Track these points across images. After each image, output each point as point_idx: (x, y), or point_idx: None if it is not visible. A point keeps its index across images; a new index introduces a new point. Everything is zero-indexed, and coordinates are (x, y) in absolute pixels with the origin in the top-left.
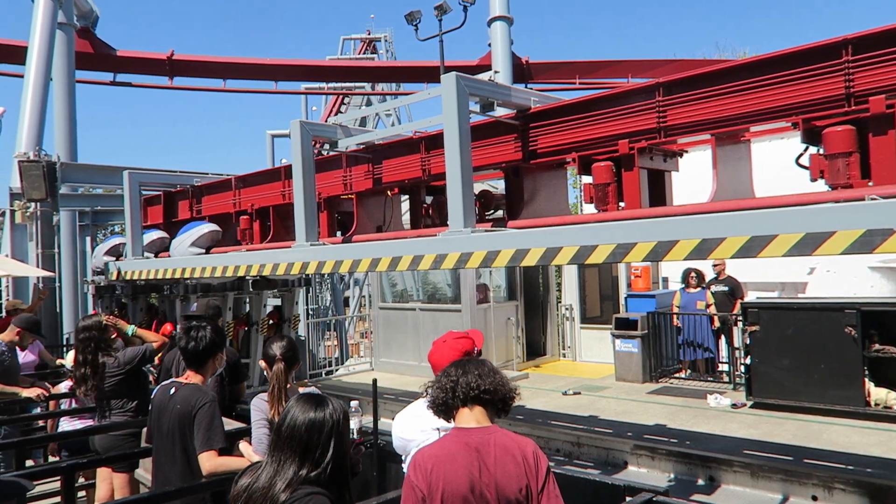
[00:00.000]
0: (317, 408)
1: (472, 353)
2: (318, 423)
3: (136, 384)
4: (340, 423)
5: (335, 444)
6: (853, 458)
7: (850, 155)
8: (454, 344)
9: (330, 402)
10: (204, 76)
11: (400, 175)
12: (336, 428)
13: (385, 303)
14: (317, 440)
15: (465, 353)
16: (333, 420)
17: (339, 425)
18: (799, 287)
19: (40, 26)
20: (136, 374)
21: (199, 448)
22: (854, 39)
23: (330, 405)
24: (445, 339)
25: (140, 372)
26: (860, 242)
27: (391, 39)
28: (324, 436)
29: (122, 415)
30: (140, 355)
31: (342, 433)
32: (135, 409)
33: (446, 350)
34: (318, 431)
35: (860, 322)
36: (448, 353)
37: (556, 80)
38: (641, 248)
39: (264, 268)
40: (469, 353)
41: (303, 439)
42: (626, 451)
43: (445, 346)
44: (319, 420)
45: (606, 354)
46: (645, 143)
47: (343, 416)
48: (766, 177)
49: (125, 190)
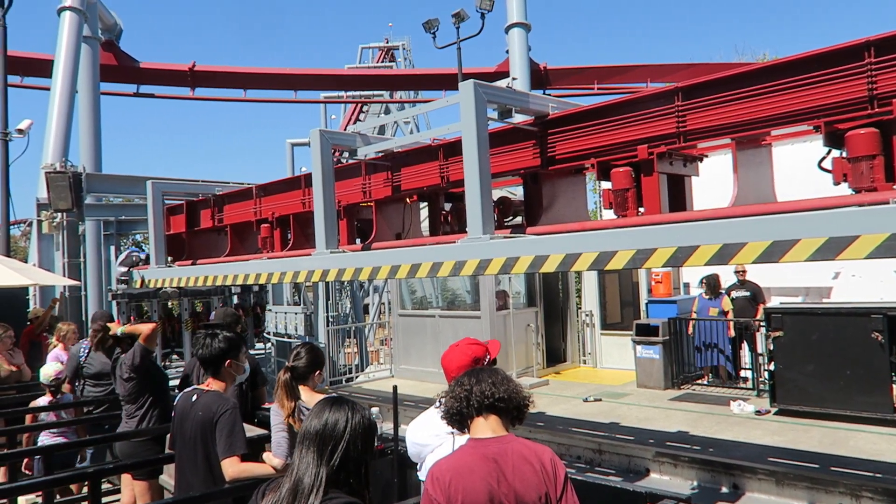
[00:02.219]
0: (332, 410)
1: (483, 360)
2: (330, 424)
3: (155, 388)
4: (358, 424)
5: (350, 445)
6: (881, 465)
7: (874, 158)
8: (466, 349)
9: (348, 404)
10: (225, 86)
11: (419, 182)
12: (351, 428)
13: (404, 310)
14: (331, 441)
15: (475, 359)
16: (349, 421)
17: (357, 426)
18: (823, 292)
19: (66, 40)
20: (149, 377)
21: (222, 454)
22: (876, 41)
23: (346, 407)
24: (459, 343)
25: (150, 374)
26: (885, 246)
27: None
28: (338, 436)
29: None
30: (132, 356)
31: (359, 434)
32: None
33: (457, 354)
34: (331, 432)
35: (887, 327)
36: (458, 358)
37: (574, 85)
38: (661, 253)
39: (285, 275)
40: (479, 359)
41: (316, 441)
42: (648, 459)
43: (458, 350)
44: (333, 422)
45: (627, 361)
46: (664, 147)
47: (361, 418)
48: (788, 180)
49: (148, 199)
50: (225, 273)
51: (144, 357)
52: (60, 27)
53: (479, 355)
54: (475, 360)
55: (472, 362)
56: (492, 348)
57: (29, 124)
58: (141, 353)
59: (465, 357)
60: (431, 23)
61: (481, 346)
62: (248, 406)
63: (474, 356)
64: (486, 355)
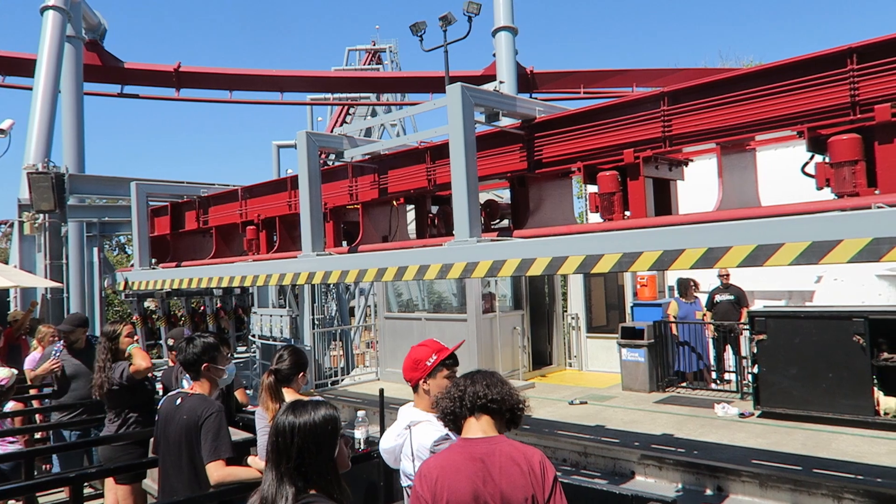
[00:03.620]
0: (284, 414)
1: (425, 361)
2: (280, 431)
3: (136, 397)
4: (305, 426)
5: (303, 447)
6: (863, 467)
7: (856, 163)
8: (411, 352)
9: (300, 407)
10: (210, 87)
11: (406, 185)
12: (301, 431)
13: (391, 312)
14: (285, 448)
15: (415, 360)
16: (295, 424)
17: (305, 427)
18: (806, 295)
19: (49, 39)
20: (131, 388)
21: (207, 458)
22: (859, 48)
23: (294, 412)
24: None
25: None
26: (867, 251)
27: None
28: (288, 442)
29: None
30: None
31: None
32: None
33: (406, 358)
34: (283, 439)
35: (868, 330)
36: (405, 361)
37: (560, 89)
38: (647, 257)
39: (271, 278)
40: (419, 360)
41: (275, 446)
42: (634, 461)
43: (410, 350)
44: (282, 428)
45: (613, 364)
46: (650, 152)
47: (310, 418)
48: (772, 185)
49: (132, 201)
50: (210, 275)
51: (123, 382)
52: (43, 26)
53: (418, 357)
54: (415, 362)
55: (412, 364)
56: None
57: (10, 124)
58: (123, 377)
59: (408, 360)
60: (418, 26)
61: (427, 349)
62: (234, 410)
63: (414, 359)
64: (433, 356)
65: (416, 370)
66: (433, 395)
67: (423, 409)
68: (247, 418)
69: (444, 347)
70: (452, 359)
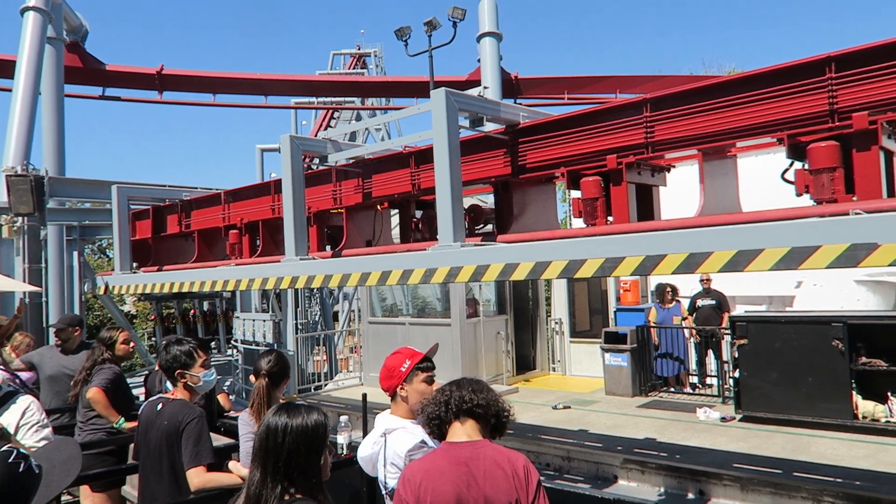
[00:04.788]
0: (274, 416)
1: (397, 369)
2: (272, 432)
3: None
4: (298, 428)
5: (292, 449)
6: (841, 470)
7: (835, 170)
8: (386, 360)
9: (292, 409)
10: (193, 90)
11: (390, 189)
12: (292, 432)
13: (374, 317)
14: (273, 449)
15: (389, 368)
16: (288, 426)
17: (297, 430)
18: (786, 301)
19: (29, 40)
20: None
21: (188, 464)
22: (837, 57)
23: (286, 413)
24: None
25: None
26: (845, 256)
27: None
28: (279, 443)
29: (94, 432)
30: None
31: (301, 437)
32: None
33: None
34: (273, 440)
35: (847, 335)
36: (381, 370)
37: (544, 95)
38: (630, 262)
39: (254, 282)
40: (393, 368)
41: (264, 445)
42: (616, 466)
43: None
44: (273, 429)
45: (596, 368)
46: (633, 158)
47: (303, 421)
48: (753, 191)
49: (113, 204)
50: (192, 279)
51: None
52: (24, 27)
53: (391, 365)
54: (389, 370)
55: (386, 373)
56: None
57: None
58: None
59: (383, 368)
60: (403, 30)
61: (401, 356)
62: (216, 416)
63: (387, 367)
64: (406, 362)
65: (391, 378)
66: (412, 401)
67: (400, 416)
68: (229, 423)
69: (418, 353)
70: (427, 361)
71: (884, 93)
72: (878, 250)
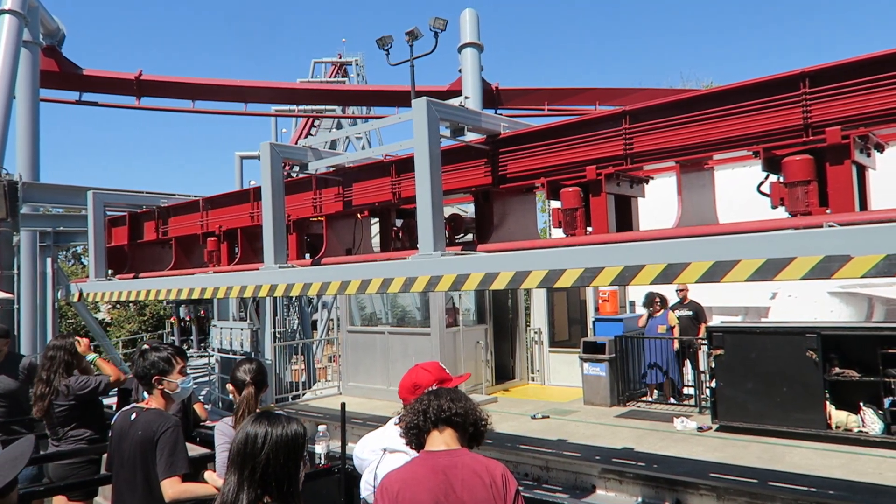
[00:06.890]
0: (252, 425)
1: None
2: (250, 440)
3: (90, 412)
4: (278, 438)
5: (270, 459)
6: (815, 480)
7: (809, 183)
8: (412, 373)
9: (270, 419)
10: (172, 97)
11: (370, 198)
12: (271, 442)
13: (353, 326)
14: (251, 458)
15: (415, 385)
16: (268, 435)
17: (277, 439)
18: (762, 311)
19: (4, 44)
20: (89, 403)
21: (162, 474)
22: (811, 72)
23: (266, 422)
24: (417, 366)
25: (93, 401)
26: (819, 268)
27: (362, 63)
28: (256, 452)
29: (73, 442)
30: (92, 388)
31: (279, 447)
32: (89, 438)
33: (405, 376)
34: (251, 449)
35: (820, 346)
36: (404, 379)
37: (525, 106)
38: (609, 272)
39: (232, 290)
40: (419, 386)
41: (242, 451)
42: (595, 475)
43: (408, 372)
44: (252, 437)
45: (575, 378)
46: (612, 169)
47: (283, 431)
48: (729, 203)
49: (89, 210)
50: (168, 287)
51: (102, 393)
52: None
53: (419, 382)
54: (415, 385)
55: (411, 387)
56: (451, 378)
57: None
58: (103, 388)
59: (408, 380)
60: (385, 40)
61: (430, 375)
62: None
63: (414, 382)
64: (435, 384)
65: (414, 394)
66: None
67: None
68: (204, 433)
69: (449, 377)
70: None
71: (856, 108)
72: (850, 262)
